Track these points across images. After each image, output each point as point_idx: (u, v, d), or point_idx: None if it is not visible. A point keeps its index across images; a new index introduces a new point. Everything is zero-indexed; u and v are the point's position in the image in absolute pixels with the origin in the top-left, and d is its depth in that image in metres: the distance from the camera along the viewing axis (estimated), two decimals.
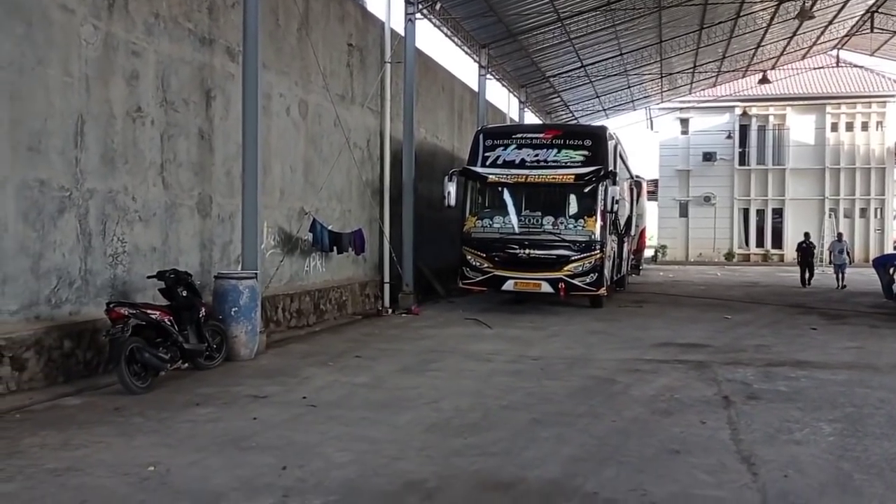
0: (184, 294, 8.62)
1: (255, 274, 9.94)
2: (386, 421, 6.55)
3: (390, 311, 15.13)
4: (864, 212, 37.15)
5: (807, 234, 24.49)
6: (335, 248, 13.39)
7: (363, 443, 5.87)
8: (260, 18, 10.13)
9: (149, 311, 7.97)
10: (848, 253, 23.54)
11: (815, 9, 23.50)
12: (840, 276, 22.40)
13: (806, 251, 23.49)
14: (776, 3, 24.22)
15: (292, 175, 12.58)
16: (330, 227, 13.29)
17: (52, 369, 7.70)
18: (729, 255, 37.59)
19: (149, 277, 8.73)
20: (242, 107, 10.13)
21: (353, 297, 14.76)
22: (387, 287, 15.72)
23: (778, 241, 37.51)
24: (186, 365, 8.54)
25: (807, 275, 23.20)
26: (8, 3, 7.22)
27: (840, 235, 24.90)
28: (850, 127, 37.30)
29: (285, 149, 12.33)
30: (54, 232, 7.82)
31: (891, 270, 18.55)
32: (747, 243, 38.25)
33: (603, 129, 16.46)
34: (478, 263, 15.05)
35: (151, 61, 9.17)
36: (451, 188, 15.27)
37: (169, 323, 8.17)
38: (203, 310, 8.85)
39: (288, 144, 12.42)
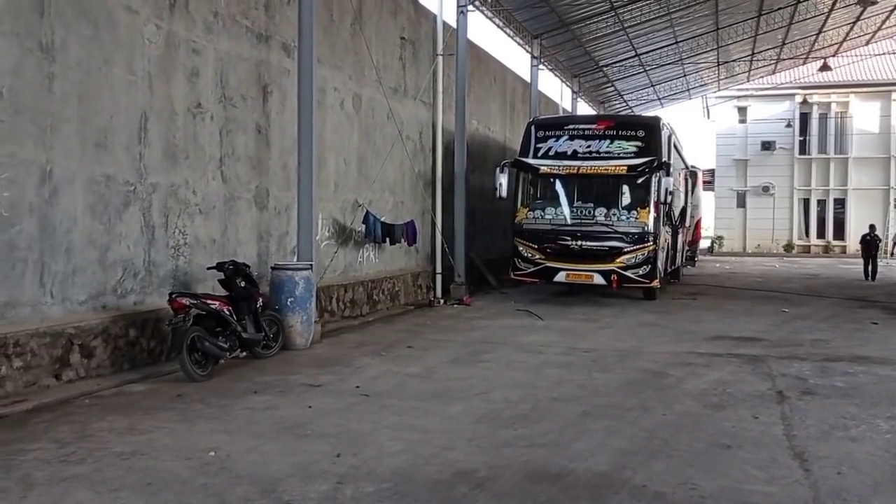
0: (242, 284, 8.88)
1: (311, 265, 10.16)
2: (437, 411, 6.67)
3: (442, 301, 15.27)
4: None
5: (871, 227, 23.44)
6: (388, 239, 13.56)
7: (415, 432, 6.00)
8: (315, 14, 10.31)
9: (209, 302, 8.25)
10: None
11: None
12: None
13: (869, 244, 22.59)
14: None
15: (346, 168, 12.78)
16: (383, 219, 13.47)
17: (118, 357, 8.04)
18: (788, 247, 36.77)
19: (209, 268, 9.02)
20: (298, 101, 10.34)
21: (405, 288, 14.95)
22: (439, 278, 15.86)
23: (840, 233, 36.52)
24: (244, 353, 8.82)
25: (869, 268, 22.29)
26: (76, 7, 7.53)
27: None
28: None
29: (339, 142, 12.53)
30: (120, 225, 8.14)
31: None
32: (807, 234, 37.34)
33: (656, 119, 16.27)
34: (530, 255, 15.08)
35: (211, 58, 9.43)
36: (503, 179, 15.34)
37: (228, 313, 8.44)
38: (260, 300, 9.11)
39: (342, 138, 12.62)
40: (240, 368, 8.42)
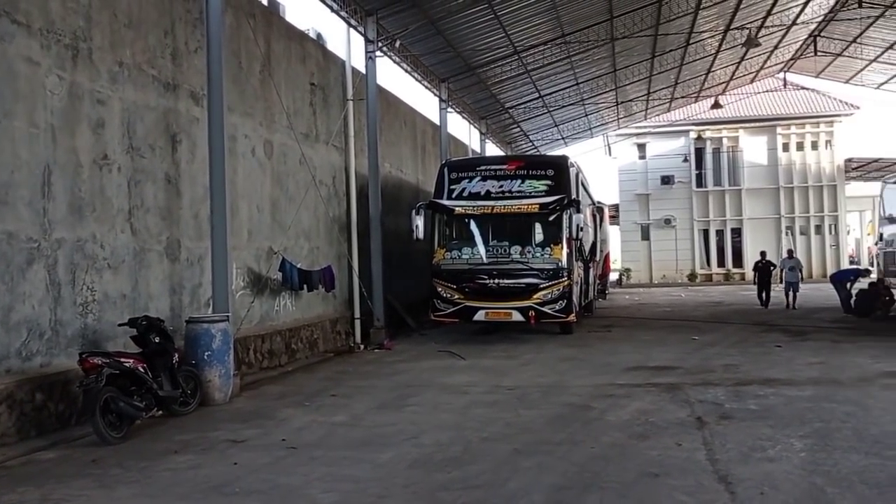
0: (156, 340, 8.57)
1: (227, 316, 9.91)
2: (368, 459, 6.57)
3: (362, 346, 15.12)
4: (818, 228, 38.10)
5: (762, 253, 23.22)
6: (305, 285, 13.38)
7: (347, 483, 5.89)
8: (223, 62, 10.24)
9: (122, 360, 7.92)
10: (800, 270, 22.30)
11: (760, 35, 24.34)
12: (791, 295, 21.17)
13: (763, 270, 22.30)
14: (723, 31, 25.04)
15: (259, 215, 12.60)
16: (299, 266, 13.30)
17: (25, 423, 7.58)
18: (692, 276, 38.20)
19: (120, 325, 8.69)
20: (209, 150, 10.18)
21: (324, 335, 14.73)
22: (358, 323, 15.71)
23: (738, 260, 38.23)
24: (161, 412, 8.48)
25: (764, 295, 22.03)
26: None
27: (790, 252, 23.40)
28: (800, 146, 38.40)
29: (252, 189, 12.37)
30: (23, 284, 7.75)
31: (848, 285, 19.10)
32: (709, 263, 38.93)
33: (564, 158, 16.79)
34: (448, 295, 15.17)
35: (117, 109, 9.19)
36: (419, 221, 15.45)
37: (143, 370, 8.12)
38: (176, 355, 8.81)
39: (254, 185, 12.46)
40: (157, 428, 8.08)
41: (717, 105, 33.26)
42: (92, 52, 8.79)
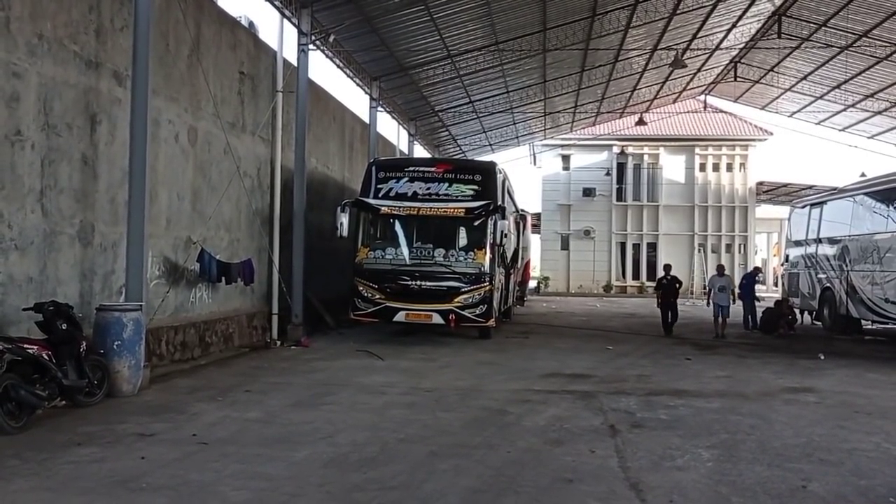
0: (63, 327, 8.21)
1: (140, 305, 9.60)
2: (282, 457, 6.45)
3: (279, 343, 14.85)
4: (729, 247, 39.57)
5: (667, 267, 19.30)
6: (223, 278, 13.06)
7: (260, 480, 5.76)
8: (150, 43, 9.90)
9: (25, 346, 7.57)
10: (732, 292, 18.59)
11: (685, 56, 25.17)
12: (720, 320, 17.83)
13: (668, 289, 18.34)
14: (650, 51, 25.78)
15: (179, 203, 12.23)
16: (218, 257, 12.97)
17: None
18: (607, 287, 39.09)
19: (25, 310, 8.28)
20: (130, 133, 9.83)
21: (240, 329, 14.41)
22: (275, 318, 15.42)
23: (652, 274, 39.05)
24: (64, 402, 8.13)
25: (670, 317, 18.29)
26: None
27: (721, 268, 19.65)
28: (716, 167, 39.80)
29: (173, 176, 11.99)
30: None
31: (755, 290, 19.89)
32: (624, 276, 39.92)
33: (492, 164, 16.93)
34: (369, 294, 15.07)
35: (33, 83, 8.76)
36: (344, 219, 15.30)
37: (47, 358, 7.78)
38: (84, 343, 8.46)
39: (176, 172, 12.08)
40: (60, 419, 7.74)
41: (641, 122, 34.23)
42: (10, 22, 8.35)
